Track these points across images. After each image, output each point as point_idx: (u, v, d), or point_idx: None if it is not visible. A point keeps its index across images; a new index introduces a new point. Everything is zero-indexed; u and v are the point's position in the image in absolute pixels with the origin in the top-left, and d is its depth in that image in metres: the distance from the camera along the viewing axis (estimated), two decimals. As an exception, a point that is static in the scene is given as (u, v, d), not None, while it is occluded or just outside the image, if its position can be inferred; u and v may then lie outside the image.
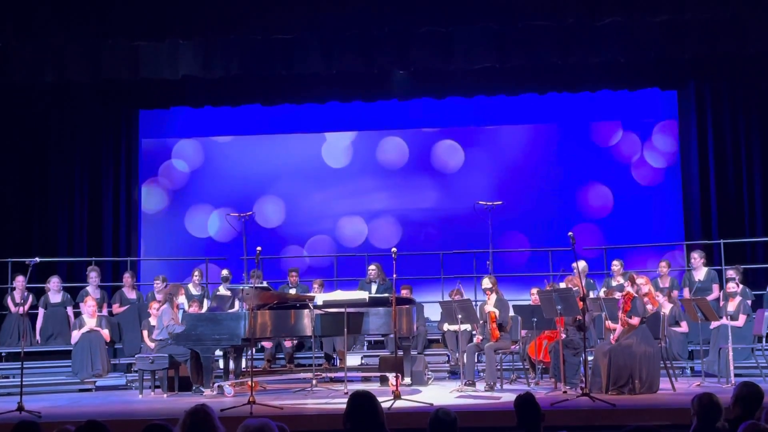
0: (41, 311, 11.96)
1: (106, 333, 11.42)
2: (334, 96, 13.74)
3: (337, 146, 14.57)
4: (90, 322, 11.33)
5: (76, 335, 11.26)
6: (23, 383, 9.08)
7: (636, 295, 9.11)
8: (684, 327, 11.04)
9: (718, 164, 13.05)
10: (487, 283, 10.31)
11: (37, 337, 11.96)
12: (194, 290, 12.35)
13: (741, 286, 10.82)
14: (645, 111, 14.10)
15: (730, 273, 10.84)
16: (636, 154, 14.09)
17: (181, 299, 10.79)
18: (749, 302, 10.84)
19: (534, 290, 10.71)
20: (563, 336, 9.31)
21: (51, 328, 11.92)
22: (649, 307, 9.27)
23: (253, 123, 14.47)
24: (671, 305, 11.03)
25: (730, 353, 9.63)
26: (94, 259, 13.06)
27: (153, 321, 10.86)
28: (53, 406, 9.34)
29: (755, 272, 12.25)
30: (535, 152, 14.30)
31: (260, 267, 11.07)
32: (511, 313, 10.32)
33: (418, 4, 11.41)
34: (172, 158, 14.67)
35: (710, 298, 10.93)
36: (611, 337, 9.26)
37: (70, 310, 12.06)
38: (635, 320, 9.01)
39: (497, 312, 10.02)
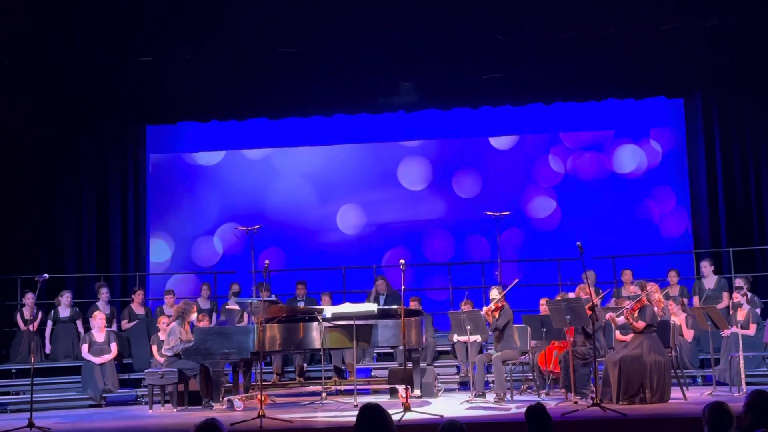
0: (49, 324, 11.97)
1: (113, 347, 11.43)
2: (341, 108, 13.75)
3: (343, 158, 14.60)
4: (99, 336, 11.35)
5: (85, 349, 11.28)
6: (33, 399, 9.06)
7: (648, 303, 9.08)
8: (689, 335, 10.98)
9: (725, 171, 13.00)
10: (495, 293, 10.24)
11: (47, 349, 11.97)
12: (203, 304, 12.37)
13: (750, 294, 10.78)
14: (652, 119, 14.10)
15: (738, 282, 10.79)
16: (642, 162, 14.08)
17: (193, 317, 10.76)
18: (758, 310, 10.81)
19: (543, 300, 10.68)
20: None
21: (62, 345, 11.93)
22: (655, 309, 9.23)
23: (260, 136, 14.50)
24: (684, 314, 10.99)
25: (741, 361, 9.58)
26: (103, 274, 13.10)
27: (162, 336, 10.87)
28: (63, 422, 9.33)
29: (765, 280, 12.20)
30: (542, 162, 14.30)
31: (268, 280, 11.07)
32: (521, 324, 10.29)
33: (424, 17, 11.44)
34: (179, 172, 14.71)
35: (720, 306, 10.89)
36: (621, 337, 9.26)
37: (79, 324, 12.07)
38: (640, 324, 8.95)
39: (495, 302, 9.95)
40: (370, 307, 10.22)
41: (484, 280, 12.82)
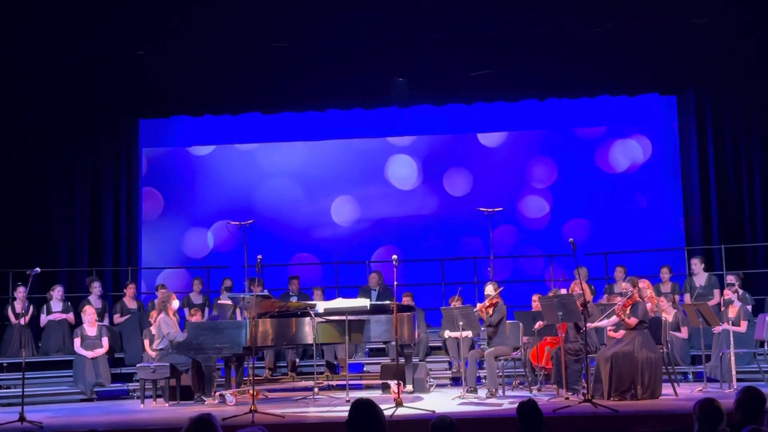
0: (43, 317, 11.94)
1: (105, 341, 11.41)
2: (334, 104, 13.73)
3: (336, 154, 14.58)
4: (90, 331, 11.33)
5: (77, 343, 11.27)
6: (24, 394, 9.06)
7: (640, 300, 9.10)
8: (684, 333, 11.02)
9: (717, 168, 13.01)
10: (490, 290, 10.25)
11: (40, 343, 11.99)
12: (195, 299, 12.35)
13: (741, 291, 10.81)
14: (644, 116, 14.11)
15: (730, 279, 10.82)
16: (635, 159, 14.09)
17: (175, 304, 10.73)
18: (749, 307, 10.85)
19: (535, 296, 10.70)
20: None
21: (54, 339, 11.91)
22: (649, 306, 9.26)
23: (254, 131, 14.47)
24: (675, 311, 11.03)
25: (732, 358, 9.62)
26: (95, 269, 13.06)
27: (154, 330, 10.85)
28: (55, 416, 9.32)
29: (756, 277, 12.24)
30: (534, 159, 14.30)
31: (261, 275, 11.06)
32: (513, 320, 10.31)
33: (417, 12, 11.43)
34: (172, 167, 14.67)
35: (711, 303, 10.93)
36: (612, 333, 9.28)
37: (71, 317, 12.03)
38: (632, 321, 8.98)
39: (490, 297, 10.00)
40: (363, 302, 10.23)
41: (476, 276, 12.83)
